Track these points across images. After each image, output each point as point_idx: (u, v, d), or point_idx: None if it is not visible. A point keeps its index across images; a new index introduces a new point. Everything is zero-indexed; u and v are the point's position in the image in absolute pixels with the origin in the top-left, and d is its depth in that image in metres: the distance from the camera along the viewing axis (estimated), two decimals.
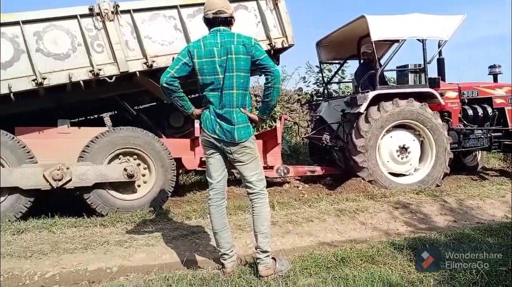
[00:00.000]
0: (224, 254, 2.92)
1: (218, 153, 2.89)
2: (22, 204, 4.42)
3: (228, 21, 2.83)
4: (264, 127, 7.93)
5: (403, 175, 6.09)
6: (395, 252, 3.21)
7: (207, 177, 3.00)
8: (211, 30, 2.82)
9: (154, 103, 6.18)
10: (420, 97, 5.99)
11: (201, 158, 5.35)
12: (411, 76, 6.20)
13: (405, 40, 5.92)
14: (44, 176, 4.38)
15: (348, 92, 9.59)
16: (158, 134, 5.27)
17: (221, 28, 2.79)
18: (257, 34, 4.98)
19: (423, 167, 6.08)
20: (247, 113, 2.83)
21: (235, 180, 6.39)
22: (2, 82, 4.19)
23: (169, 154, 4.99)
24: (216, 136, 2.80)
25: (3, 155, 4.35)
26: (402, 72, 6.39)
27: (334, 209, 4.73)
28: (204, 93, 2.83)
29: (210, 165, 2.93)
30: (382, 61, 6.54)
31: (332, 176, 6.70)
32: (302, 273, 2.84)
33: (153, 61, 4.68)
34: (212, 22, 2.80)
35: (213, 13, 2.78)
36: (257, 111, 2.94)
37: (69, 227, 4.18)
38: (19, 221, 4.35)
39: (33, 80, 4.28)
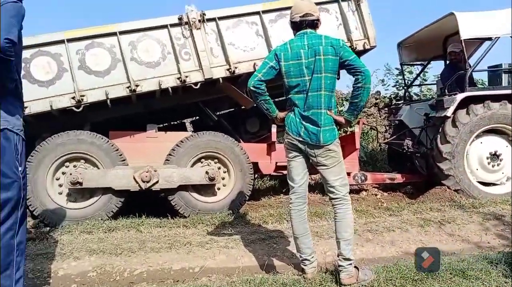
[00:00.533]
0: (305, 259, 2.90)
1: (301, 156, 2.88)
2: (113, 203, 4.66)
3: (314, 24, 2.84)
4: (339, 131, 7.77)
5: (494, 184, 5.62)
6: (489, 266, 2.95)
7: (288, 181, 3.00)
8: (298, 33, 2.84)
9: (232, 109, 6.35)
10: None
11: (276, 163, 5.37)
12: (505, 77, 5.72)
13: (499, 37, 5.46)
14: (134, 178, 4.60)
15: (430, 95, 9.08)
16: (237, 138, 5.37)
17: (308, 30, 2.81)
18: (338, 37, 4.87)
19: None
20: (333, 115, 2.80)
21: (309, 186, 6.32)
22: (100, 89, 4.52)
23: (248, 158, 5.06)
24: (300, 139, 2.79)
25: (99, 157, 4.66)
26: (495, 72, 5.91)
27: (417, 219, 4.49)
28: (289, 95, 2.85)
29: (292, 168, 2.93)
30: (471, 61, 6.09)
31: (413, 184, 6.36)
32: (387, 284, 2.71)
33: (236, 67, 4.76)
34: (299, 25, 2.83)
35: (300, 16, 2.80)
36: (345, 113, 2.89)
37: (154, 227, 4.37)
38: (110, 219, 4.60)
39: (127, 87, 4.54)
